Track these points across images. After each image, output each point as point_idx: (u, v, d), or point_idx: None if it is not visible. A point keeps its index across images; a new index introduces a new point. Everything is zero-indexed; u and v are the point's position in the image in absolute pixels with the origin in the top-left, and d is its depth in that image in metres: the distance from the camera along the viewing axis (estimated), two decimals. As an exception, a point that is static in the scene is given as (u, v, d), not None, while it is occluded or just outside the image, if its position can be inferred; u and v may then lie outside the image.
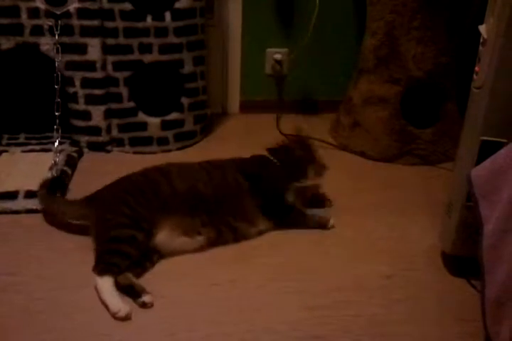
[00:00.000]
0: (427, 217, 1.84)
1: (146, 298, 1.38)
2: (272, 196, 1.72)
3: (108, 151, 2.25)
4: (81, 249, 1.58)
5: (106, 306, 1.37)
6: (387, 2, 2.12)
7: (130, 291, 1.41)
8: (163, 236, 1.55)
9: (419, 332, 1.36)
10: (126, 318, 1.35)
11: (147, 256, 1.53)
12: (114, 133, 2.24)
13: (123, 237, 1.47)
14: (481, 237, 1.24)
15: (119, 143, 2.26)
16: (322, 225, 1.76)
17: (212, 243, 1.63)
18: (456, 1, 2.10)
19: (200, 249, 1.61)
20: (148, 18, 2.10)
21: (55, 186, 1.80)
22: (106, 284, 1.39)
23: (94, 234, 1.55)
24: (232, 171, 1.72)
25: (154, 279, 1.49)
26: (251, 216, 1.68)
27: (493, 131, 1.38)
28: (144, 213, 1.53)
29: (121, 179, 1.66)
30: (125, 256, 1.45)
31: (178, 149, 2.31)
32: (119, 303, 1.36)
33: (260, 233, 1.71)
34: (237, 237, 1.67)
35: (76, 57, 2.10)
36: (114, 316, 1.34)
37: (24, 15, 2.04)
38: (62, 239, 1.65)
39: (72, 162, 2.08)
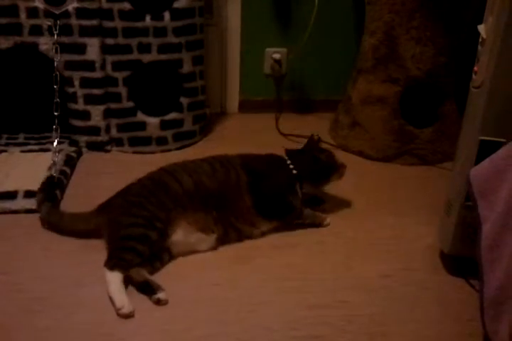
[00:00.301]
0: (425, 217, 1.84)
1: (161, 295, 1.39)
2: (271, 195, 1.71)
3: (107, 151, 2.25)
4: (81, 249, 1.58)
5: (112, 301, 1.37)
6: (386, 2, 2.12)
7: (145, 288, 1.42)
8: (180, 234, 1.56)
9: (418, 332, 1.36)
10: (129, 316, 1.35)
11: (158, 256, 1.53)
12: (113, 132, 2.24)
13: (135, 235, 1.48)
14: (480, 237, 1.24)
15: (118, 142, 2.26)
16: (318, 223, 1.77)
17: (221, 242, 1.64)
18: (455, 1, 2.10)
19: (212, 248, 1.62)
20: (147, 18, 2.10)
21: (51, 190, 1.80)
22: (115, 279, 1.40)
23: (107, 235, 1.55)
24: (236, 166, 1.71)
25: (156, 279, 1.49)
26: (251, 216, 1.67)
27: (492, 130, 1.39)
28: (157, 212, 1.53)
29: (129, 185, 1.65)
30: (136, 253, 1.46)
31: (178, 149, 2.31)
32: (124, 300, 1.36)
33: (263, 234, 1.71)
34: (241, 238, 1.67)
35: (75, 57, 2.10)
36: (118, 312, 1.35)
37: (23, 15, 2.04)
38: (61, 238, 1.65)
39: (71, 162, 2.08)
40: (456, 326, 1.38)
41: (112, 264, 1.43)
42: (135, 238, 1.48)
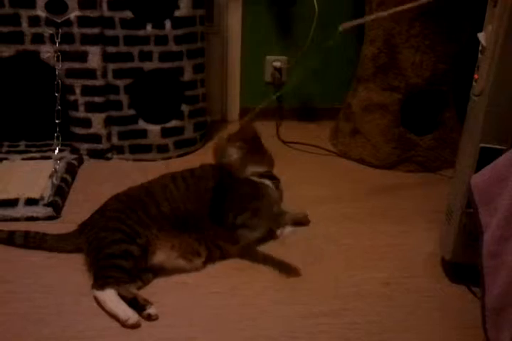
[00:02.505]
0: (426, 224, 1.84)
1: (151, 310, 1.37)
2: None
3: (108, 159, 2.25)
4: (81, 258, 1.57)
5: (115, 316, 1.36)
6: (385, 10, 2.13)
7: (134, 305, 1.38)
8: (160, 256, 1.52)
9: (419, 340, 1.35)
10: (137, 325, 1.34)
11: (145, 271, 1.51)
12: (114, 140, 2.24)
13: (118, 253, 1.46)
14: (481, 244, 1.24)
15: (119, 150, 2.26)
16: (303, 221, 1.76)
17: (207, 261, 1.60)
18: (455, 9, 2.11)
19: (196, 270, 1.57)
20: (149, 26, 2.11)
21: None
22: (109, 295, 1.39)
23: (88, 254, 1.53)
24: (208, 181, 1.66)
25: (154, 288, 1.49)
26: (232, 233, 1.63)
27: (493, 138, 1.39)
28: (137, 228, 1.51)
29: (107, 201, 1.63)
30: (121, 269, 1.44)
31: (178, 156, 2.31)
32: (127, 311, 1.35)
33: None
34: (224, 255, 1.62)
35: (76, 65, 2.11)
36: (125, 324, 1.34)
37: (25, 23, 2.05)
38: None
39: (72, 169, 2.08)
40: (458, 334, 1.37)
41: (100, 283, 1.41)
42: (118, 255, 1.46)
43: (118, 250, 1.47)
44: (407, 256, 1.68)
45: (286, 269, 1.57)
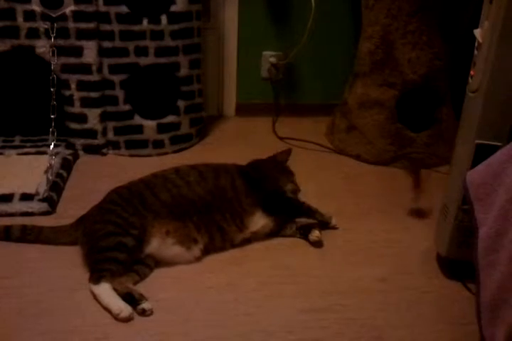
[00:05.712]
0: (422, 220, 1.84)
1: (144, 305, 1.37)
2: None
3: (104, 154, 2.25)
4: (76, 252, 1.57)
5: (108, 309, 1.36)
6: (382, 6, 2.13)
7: (129, 299, 1.39)
8: (157, 244, 1.53)
9: (414, 336, 1.36)
10: (130, 318, 1.35)
11: (144, 263, 1.52)
12: (110, 136, 2.24)
13: (112, 245, 1.47)
14: (476, 240, 1.24)
15: (114, 145, 2.25)
16: (326, 221, 1.77)
17: (206, 251, 1.61)
18: (452, 5, 2.11)
19: (195, 260, 1.58)
20: (145, 21, 2.10)
21: None
22: (104, 290, 1.39)
23: (83, 247, 1.54)
24: (229, 174, 1.70)
25: (150, 283, 1.49)
26: (243, 219, 1.65)
27: (488, 134, 1.39)
28: (132, 220, 1.51)
29: (107, 194, 1.64)
30: (117, 262, 1.44)
31: (174, 152, 2.31)
32: (120, 305, 1.36)
33: (245, 240, 1.67)
34: (225, 240, 1.63)
35: (72, 60, 2.10)
36: (118, 317, 1.34)
37: (20, 18, 2.04)
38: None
39: (67, 165, 2.08)
40: (453, 330, 1.38)
41: (96, 278, 1.41)
42: (112, 248, 1.46)
43: (112, 242, 1.47)
44: (403, 253, 1.69)
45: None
